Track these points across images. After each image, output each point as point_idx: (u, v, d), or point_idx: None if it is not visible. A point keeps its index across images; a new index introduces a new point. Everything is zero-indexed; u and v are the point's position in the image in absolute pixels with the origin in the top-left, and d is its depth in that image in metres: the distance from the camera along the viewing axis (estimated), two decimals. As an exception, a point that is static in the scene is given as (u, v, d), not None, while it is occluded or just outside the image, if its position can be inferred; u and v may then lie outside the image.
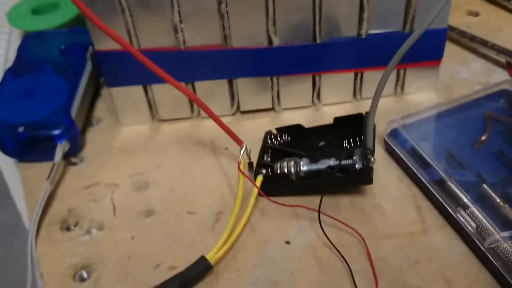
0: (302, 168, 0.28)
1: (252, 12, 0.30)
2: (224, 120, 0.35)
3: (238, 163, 0.28)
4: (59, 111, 0.32)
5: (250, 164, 0.30)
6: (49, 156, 0.31)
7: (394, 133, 0.31)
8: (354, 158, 0.27)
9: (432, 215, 0.28)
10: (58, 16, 0.43)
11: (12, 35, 0.47)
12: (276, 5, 0.30)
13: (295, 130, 0.32)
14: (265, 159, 0.31)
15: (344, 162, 0.27)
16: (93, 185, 0.31)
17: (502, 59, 0.37)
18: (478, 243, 0.25)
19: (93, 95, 0.37)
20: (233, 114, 0.36)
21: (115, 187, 0.31)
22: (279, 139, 0.32)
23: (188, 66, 0.32)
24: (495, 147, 0.30)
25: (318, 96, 0.35)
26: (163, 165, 0.32)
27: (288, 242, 0.27)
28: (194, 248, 0.27)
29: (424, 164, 0.29)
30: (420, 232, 0.27)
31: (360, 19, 0.31)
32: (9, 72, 0.36)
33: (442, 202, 0.27)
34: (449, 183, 0.27)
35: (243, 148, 0.29)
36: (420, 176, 0.28)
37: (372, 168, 0.27)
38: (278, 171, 0.29)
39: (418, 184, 0.29)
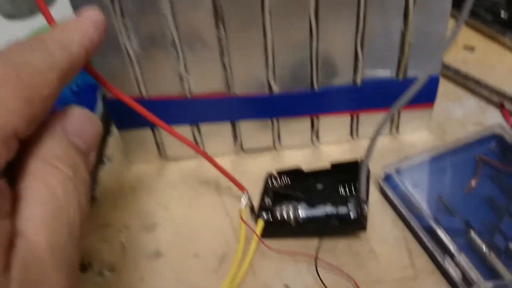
0: (300, 214, 0.30)
1: (253, 62, 0.32)
2: (228, 158, 0.37)
3: (240, 212, 0.30)
4: (72, 154, 0.34)
5: (252, 208, 0.32)
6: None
7: (387, 178, 0.32)
8: (349, 206, 0.29)
9: (423, 260, 0.29)
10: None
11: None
12: (275, 56, 0.32)
13: (294, 173, 0.34)
14: (266, 201, 0.33)
15: (339, 210, 0.29)
16: (105, 225, 0.33)
17: (495, 98, 0.39)
18: (463, 291, 0.26)
19: (104, 133, 0.39)
20: (236, 153, 0.38)
21: (125, 227, 0.33)
22: (279, 180, 0.34)
23: (193, 111, 0.34)
24: (484, 192, 0.31)
25: (317, 136, 0.37)
26: (170, 204, 0.34)
27: (286, 286, 0.29)
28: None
29: (415, 210, 0.30)
30: (411, 278, 0.28)
31: (355, 68, 0.33)
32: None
33: (431, 249, 0.28)
34: (438, 230, 0.29)
35: (245, 196, 0.31)
36: (411, 222, 0.30)
37: (365, 216, 0.29)
38: (278, 216, 0.31)
39: (410, 229, 0.31)
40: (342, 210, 0.29)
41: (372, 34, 0.31)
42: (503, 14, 0.46)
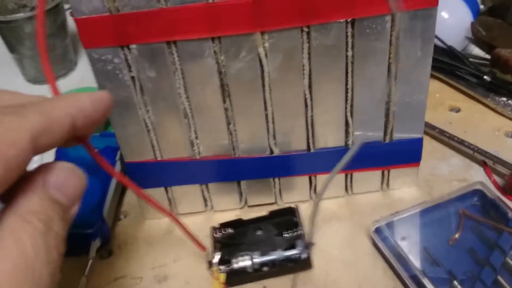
0: (255, 261, 0.34)
1: (255, 129, 0.36)
2: (234, 213, 0.41)
3: (213, 272, 0.34)
4: (93, 212, 0.38)
5: (210, 264, 0.35)
6: (81, 250, 0.36)
7: (378, 231, 0.36)
8: (299, 249, 0.34)
9: (411, 307, 0.32)
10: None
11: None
12: (275, 124, 0.36)
13: (235, 223, 0.38)
14: (217, 254, 0.36)
15: (290, 253, 0.35)
16: (120, 277, 0.36)
17: (478, 157, 0.42)
18: (447, 337, 0.29)
19: (121, 191, 0.43)
20: (241, 208, 0.41)
21: (139, 279, 0.36)
22: (223, 231, 0.38)
23: (202, 172, 0.38)
24: (466, 243, 0.34)
25: (315, 192, 0.41)
26: (180, 257, 0.37)
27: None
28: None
29: (403, 261, 0.33)
30: (400, 324, 0.31)
31: (346, 133, 0.37)
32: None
33: (418, 298, 0.31)
34: (423, 280, 0.32)
35: (216, 258, 0.35)
36: (399, 272, 0.33)
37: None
38: (236, 266, 0.34)
39: (399, 278, 0.33)
40: (293, 252, 0.35)
41: (360, 104, 0.35)
42: (486, 77, 0.50)
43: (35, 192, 0.19)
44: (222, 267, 0.35)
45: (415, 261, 0.33)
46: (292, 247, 0.35)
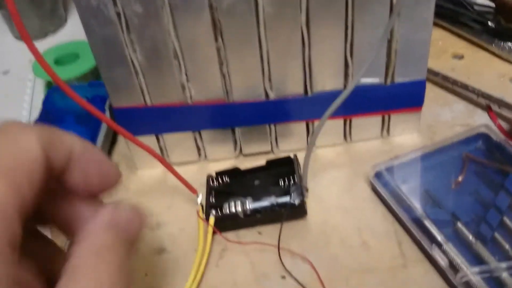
0: (247, 207, 0.33)
1: (250, 70, 0.34)
2: (229, 162, 0.39)
3: (198, 211, 0.33)
4: (82, 160, 0.36)
5: (202, 207, 0.34)
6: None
7: (378, 175, 0.34)
8: (292, 195, 0.33)
9: (412, 250, 0.31)
10: (78, 67, 0.48)
11: (36, 82, 0.52)
12: (270, 65, 0.34)
13: (232, 172, 0.36)
14: (211, 200, 0.35)
15: (284, 200, 0.33)
16: (112, 226, 0.35)
17: (483, 101, 0.41)
18: (450, 277, 0.28)
19: (111, 141, 0.42)
20: (236, 157, 0.40)
21: (132, 227, 0.35)
22: (220, 180, 0.36)
23: (194, 118, 0.37)
24: (470, 187, 0.33)
25: (313, 140, 0.39)
26: (173, 205, 0.36)
27: (283, 277, 0.30)
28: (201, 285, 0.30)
29: (404, 204, 0.32)
30: (401, 266, 0.30)
31: (346, 75, 0.35)
32: (36, 124, 0.40)
33: (419, 239, 0.30)
34: (425, 222, 0.30)
35: (199, 197, 0.34)
36: (400, 215, 0.32)
37: (305, 202, 0.33)
38: (228, 211, 0.33)
39: (399, 221, 0.32)
40: (286, 199, 0.33)
41: (360, 42, 0.33)
42: (490, 24, 0.48)
43: (107, 230, 0.20)
44: (213, 212, 0.33)
45: (417, 204, 0.32)
46: (287, 194, 0.34)
